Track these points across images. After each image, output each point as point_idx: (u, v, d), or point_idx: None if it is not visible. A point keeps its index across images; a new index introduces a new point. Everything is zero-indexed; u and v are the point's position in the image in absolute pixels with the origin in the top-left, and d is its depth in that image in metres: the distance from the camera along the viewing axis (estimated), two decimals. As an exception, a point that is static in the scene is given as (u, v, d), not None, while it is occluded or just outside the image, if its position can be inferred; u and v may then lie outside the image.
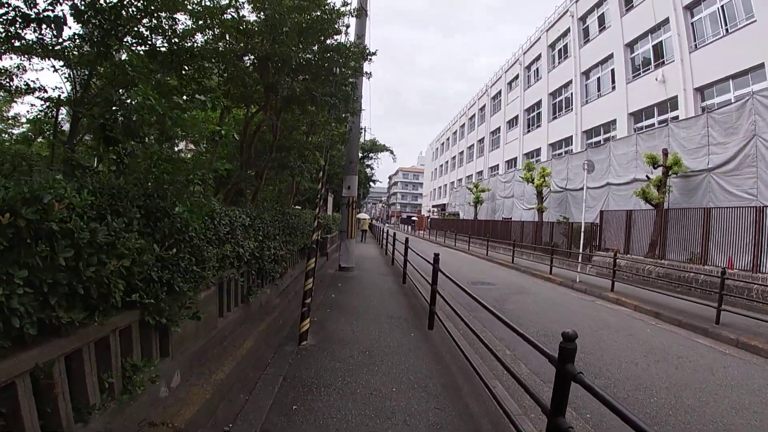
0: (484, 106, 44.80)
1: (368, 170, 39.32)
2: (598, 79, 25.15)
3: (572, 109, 26.84)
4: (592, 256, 15.94)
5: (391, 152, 35.85)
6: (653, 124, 20.41)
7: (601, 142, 23.05)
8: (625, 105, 22.23)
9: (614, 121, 23.11)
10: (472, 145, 48.30)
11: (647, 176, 15.54)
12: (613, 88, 23.52)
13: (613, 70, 23.68)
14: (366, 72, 9.97)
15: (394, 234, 14.03)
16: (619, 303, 9.97)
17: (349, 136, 11.14)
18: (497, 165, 39.54)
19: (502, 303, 8.87)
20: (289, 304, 7.83)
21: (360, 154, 39.02)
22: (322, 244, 13.28)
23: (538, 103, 31.97)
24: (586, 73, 26.28)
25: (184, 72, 6.43)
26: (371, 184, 50.02)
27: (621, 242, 15.64)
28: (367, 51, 8.86)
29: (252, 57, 7.65)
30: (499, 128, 39.93)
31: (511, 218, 27.98)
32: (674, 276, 11.80)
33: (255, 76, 7.77)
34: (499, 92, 40.51)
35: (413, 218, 48.60)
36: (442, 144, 64.97)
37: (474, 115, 48.41)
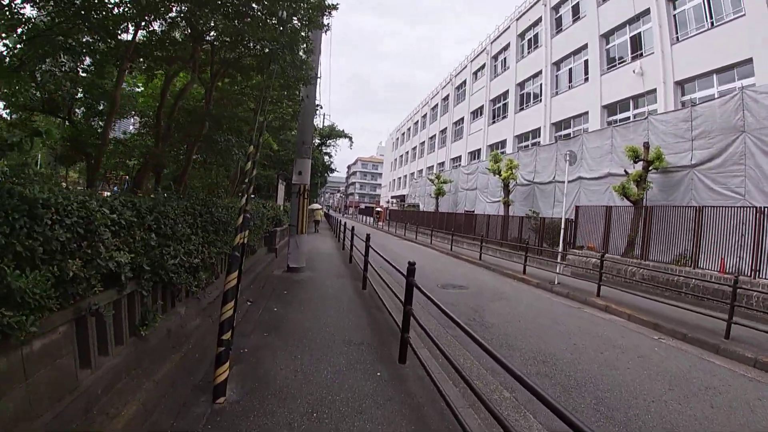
0: (448, 96, 43.50)
1: (326, 158, 36.93)
2: (570, 70, 24.23)
3: (541, 100, 25.87)
4: (567, 254, 14.74)
5: (350, 139, 33.66)
6: (628, 118, 19.67)
7: (571, 135, 22.16)
8: (598, 97, 21.38)
9: (586, 114, 22.25)
10: (434, 135, 46.99)
11: (625, 171, 14.53)
12: (586, 79, 22.63)
13: (587, 61, 22.77)
14: (325, 25, 7.86)
15: (353, 229, 11.94)
16: (609, 311, 8.65)
17: (302, 110, 8.87)
18: (459, 156, 38.40)
19: (481, 313, 7.19)
20: (213, 324, 5.70)
21: (317, 141, 36.60)
22: (270, 238, 11.07)
23: (505, 94, 30.90)
24: (557, 64, 25.33)
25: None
26: (329, 172, 47.62)
27: (598, 240, 14.54)
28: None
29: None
30: (462, 119, 38.74)
31: (474, 211, 26.81)
32: (661, 279, 10.70)
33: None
34: (464, 82, 39.25)
35: (377, 210, 46.23)
36: (403, 134, 63.41)
37: (437, 105, 47.05)
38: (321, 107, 15.46)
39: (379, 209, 43.37)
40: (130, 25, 5.99)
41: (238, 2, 6.02)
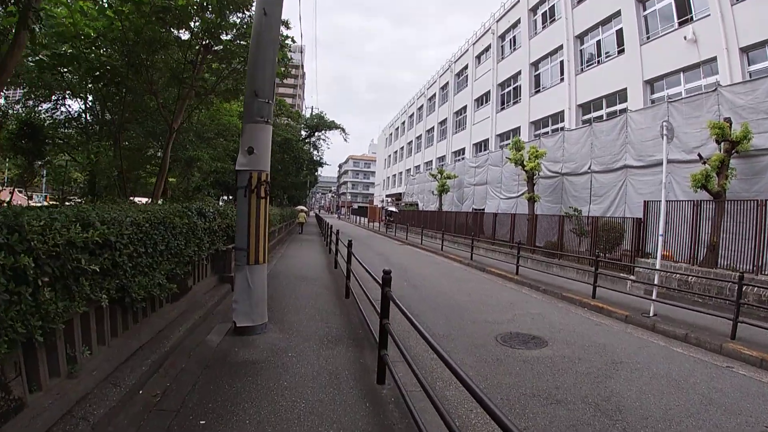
0: (447, 84, 39.82)
1: (315, 152, 32.99)
2: (598, 42, 20.66)
3: (563, 79, 22.27)
4: (634, 266, 11.14)
5: (343, 130, 29.71)
6: (679, 94, 16.13)
7: (604, 117, 18.58)
8: (638, 71, 17.85)
9: (623, 91, 18.68)
10: (432, 128, 43.30)
11: (699, 156, 11.05)
12: (620, 51, 19.07)
13: (620, 31, 19.21)
14: None
15: (350, 246, 7.48)
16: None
17: (255, 35, 4.75)
18: (463, 149, 34.76)
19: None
20: None
21: (304, 132, 32.63)
22: (220, 259, 7.10)
23: (516, 76, 27.29)
24: (581, 37, 21.76)
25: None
26: (319, 168, 43.55)
27: (675, 244, 10.96)
28: None
29: None
30: (465, 107, 35.09)
31: (484, 209, 23.22)
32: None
33: None
34: (465, 67, 35.59)
35: (391, 209, 36.29)
36: (397, 129, 59.63)
37: (434, 95, 43.34)
38: (292, 40, 10.25)
39: (392, 209, 34.30)
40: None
41: None
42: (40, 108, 10.72)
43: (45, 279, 2.49)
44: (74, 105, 21.27)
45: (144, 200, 9.30)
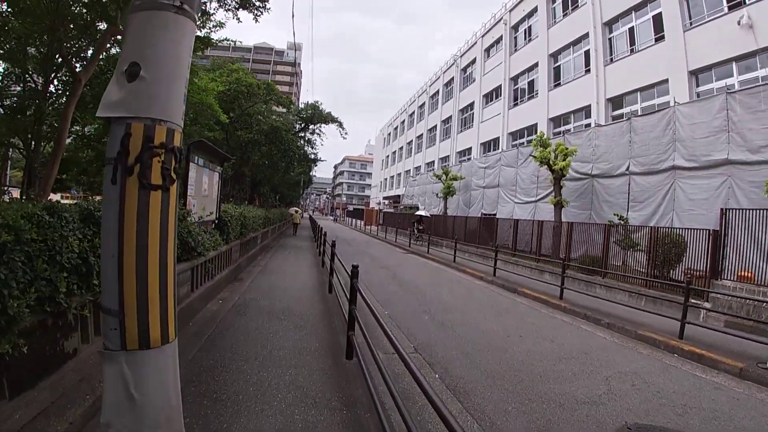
0: (451, 80, 37.42)
1: (309, 148, 30.24)
2: (631, 29, 18.34)
3: (590, 70, 19.91)
4: (708, 290, 8.70)
5: (340, 124, 27.04)
6: (733, 86, 13.90)
7: (639, 112, 16.23)
8: (682, 60, 15.58)
9: (663, 83, 16.38)
10: (434, 126, 40.86)
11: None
12: (660, 38, 16.75)
13: (658, 16, 16.92)
14: None
15: (354, 273, 4.90)
16: None
17: None
18: (469, 148, 32.34)
19: None
20: None
21: (297, 126, 29.86)
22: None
23: (532, 69, 24.95)
24: (610, 24, 19.43)
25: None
26: (314, 169, 40.86)
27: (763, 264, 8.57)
28: None
29: None
30: (471, 104, 32.67)
31: (495, 214, 20.86)
32: None
33: None
34: (473, 61, 33.20)
35: (420, 214, 25.46)
36: (396, 128, 57.14)
37: (437, 91, 40.91)
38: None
39: (423, 212, 25.73)
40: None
41: None
42: None
43: None
44: None
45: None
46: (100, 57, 6.96)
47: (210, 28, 10.48)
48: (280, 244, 18.72)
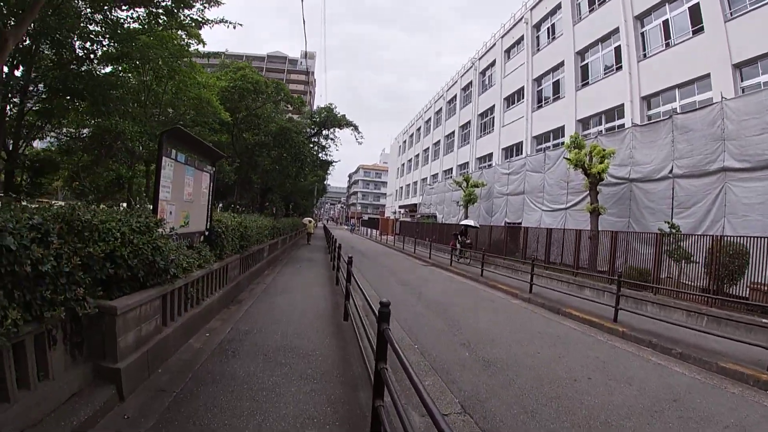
0: (470, 84, 36.30)
1: (322, 155, 29.34)
2: (666, 22, 17.02)
3: (621, 67, 18.60)
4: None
5: (355, 128, 26.11)
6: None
7: (677, 110, 14.85)
8: (725, 53, 14.27)
9: (705, 78, 15.00)
10: (452, 132, 39.71)
11: None
12: (698, 30, 15.42)
13: (695, 7, 15.60)
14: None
15: (380, 316, 4.03)
16: None
17: None
18: (489, 154, 31.08)
19: None
20: None
21: (310, 130, 28.96)
22: (81, 326, 3.86)
23: (557, 68, 23.69)
24: (641, 18, 18.15)
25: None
26: (328, 174, 39.90)
27: None
28: None
29: None
30: (492, 108, 31.46)
31: (520, 222, 19.56)
32: None
33: None
34: (492, 63, 32.05)
35: (466, 224, 20.02)
36: (411, 136, 56.15)
37: (455, 96, 39.81)
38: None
39: (470, 222, 20.47)
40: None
41: None
42: None
43: None
44: None
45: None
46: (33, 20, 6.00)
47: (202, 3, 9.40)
48: (291, 256, 17.73)
